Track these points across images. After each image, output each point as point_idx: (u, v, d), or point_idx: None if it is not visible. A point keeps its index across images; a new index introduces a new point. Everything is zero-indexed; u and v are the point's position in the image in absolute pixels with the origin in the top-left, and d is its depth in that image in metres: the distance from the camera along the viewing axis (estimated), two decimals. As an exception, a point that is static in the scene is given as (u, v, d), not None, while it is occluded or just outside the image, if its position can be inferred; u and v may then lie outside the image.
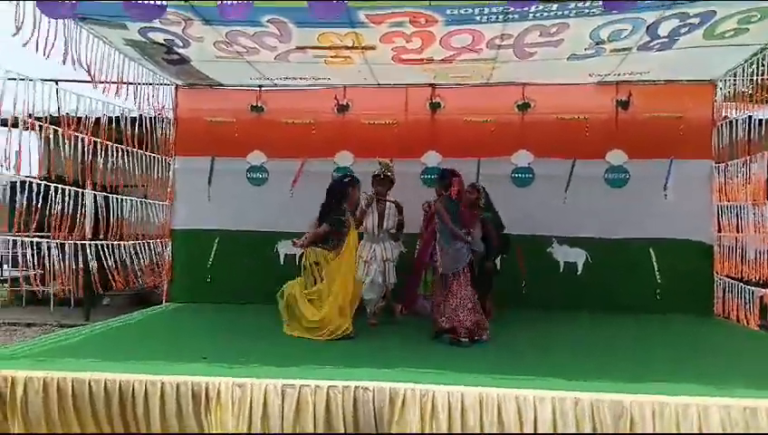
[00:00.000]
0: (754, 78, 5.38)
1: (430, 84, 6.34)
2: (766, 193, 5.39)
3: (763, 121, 5.55)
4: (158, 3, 4.04)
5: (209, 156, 6.63)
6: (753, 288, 5.46)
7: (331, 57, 5.34)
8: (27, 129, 4.78)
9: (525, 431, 3.05)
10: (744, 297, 5.53)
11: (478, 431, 3.07)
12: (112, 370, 3.46)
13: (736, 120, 5.77)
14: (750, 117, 5.59)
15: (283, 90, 6.50)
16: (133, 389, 3.31)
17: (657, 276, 6.14)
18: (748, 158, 5.59)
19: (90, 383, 3.35)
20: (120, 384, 3.33)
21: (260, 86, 6.49)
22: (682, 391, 3.13)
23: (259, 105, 6.58)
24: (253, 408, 3.23)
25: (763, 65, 5.15)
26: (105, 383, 3.34)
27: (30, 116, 4.75)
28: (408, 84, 6.33)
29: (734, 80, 5.75)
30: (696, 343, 4.82)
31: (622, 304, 5.92)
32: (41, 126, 4.85)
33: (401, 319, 5.45)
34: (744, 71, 5.50)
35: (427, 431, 3.11)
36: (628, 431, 3.00)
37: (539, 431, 3.04)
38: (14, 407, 3.37)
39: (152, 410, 3.29)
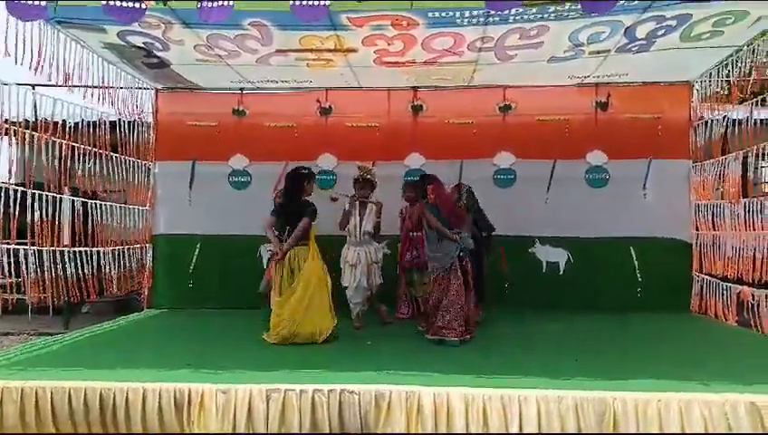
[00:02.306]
0: (730, 79, 5.50)
1: (412, 87, 6.37)
2: (741, 191, 5.50)
3: (737, 121, 5.67)
4: (137, 6, 3.98)
5: (190, 160, 6.56)
6: (730, 285, 5.57)
7: (313, 60, 5.33)
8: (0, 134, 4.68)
9: (511, 431, 3.06)
10: (722, 294, 5.63)
11: (464, 432, 3.08)
12: (92, 378, 3.39)
13: (712, 121, 5.89)
14: (725, 117, 5.71)
15: (265, 93, 6.47)
16: (114, 398, 3.25)
17: (638, 275, 6.23)
18: (724, 157, 5.70)
19: (69, 393, 3.28)
20: (100, 393, 3.27)
21: (241, 89, 6.44)
22: (664, 388, 3.18)
23: (241, 109, 6.54)
24: (237, 413, 3.20)
25: (737, 67, 5.27)
26: (85, 392, 3.28)
27: (6, 121, 4.66)
28: (390, 87, 6.34)
29: (710, 81, 5.87)
30: (677, 340, 4.89)
31: (604, 303, 6.00)
32: (15, 131, 4.75)
33: (389, 322, 5.43)
34: (719, 72, 5.63)
35: (413, 433, 3.10)
36: (611, 429, 3.03)
37: (524, 431, 3.06)
38: (-10, 418, 3.29)
39: (133, 418, 3.23)
